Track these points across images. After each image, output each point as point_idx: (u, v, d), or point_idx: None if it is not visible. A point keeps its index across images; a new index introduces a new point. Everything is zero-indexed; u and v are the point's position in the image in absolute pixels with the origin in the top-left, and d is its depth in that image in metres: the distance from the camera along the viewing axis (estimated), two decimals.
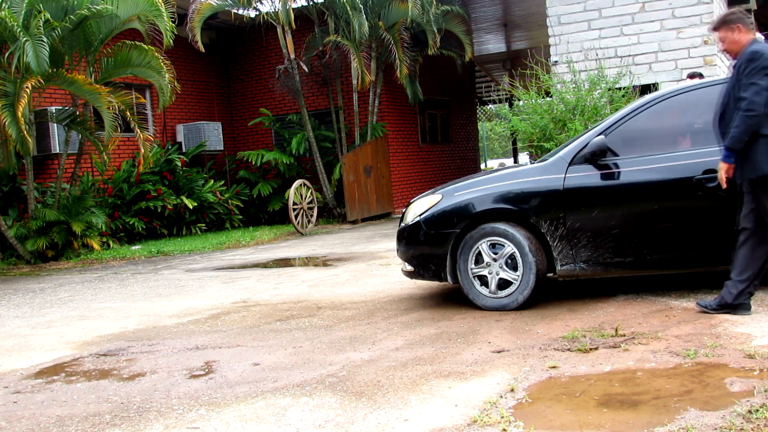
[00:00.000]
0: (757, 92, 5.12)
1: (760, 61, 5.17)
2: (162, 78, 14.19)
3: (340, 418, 3.88)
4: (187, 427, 3.96)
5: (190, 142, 19.16)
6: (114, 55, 14.19)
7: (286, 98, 19.60)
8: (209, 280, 9.87)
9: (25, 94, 12.04)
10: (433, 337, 5.54)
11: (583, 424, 3.57)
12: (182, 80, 15.35)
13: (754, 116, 5.12)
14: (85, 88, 13.01)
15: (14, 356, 6.12)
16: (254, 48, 20.58)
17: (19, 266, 13.43)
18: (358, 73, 17.31)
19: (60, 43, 13.19)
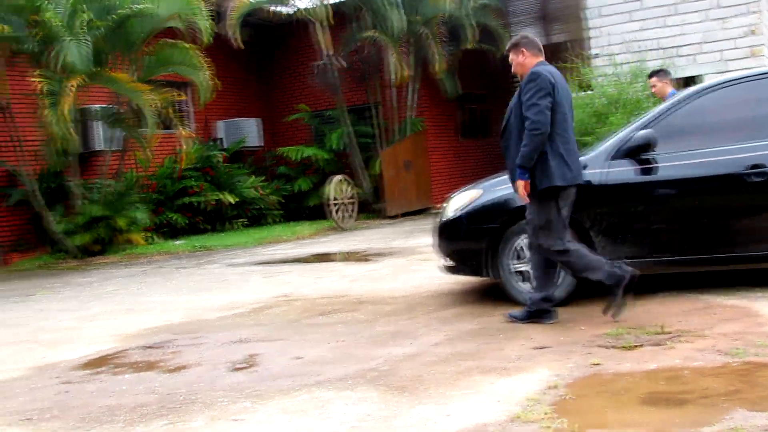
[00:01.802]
0: (539, 112, 5.35)
1: (538, 81, 5.42)
2: (202, 75, 14.34)
3: (382, 413, 3.91)
4: (231, 418, 4.02)
5: (230, 138, 19.32)
6: (155, 53, 14.37)
7: (324, 94, 19.65)
8: (251, 274, 9.97)
9: (70, 92, 12.24)
10: (474, 332, 5.55)
11: (627, 422, 3.56)
12: (221, 77, 15.46)
13: (540, 134, 5.34)
14: (127, 86, 13.19)
15: (64, 348, 6.25)
16: (292, 44, 20.66)
17: (66, 260, 13.68)
18: (395, 68, 17.30)
19: (102, 42, 13.37)
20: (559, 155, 5.44)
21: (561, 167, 5.44)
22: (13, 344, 6.62)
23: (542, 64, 5.62)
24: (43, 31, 12.71)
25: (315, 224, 17.06)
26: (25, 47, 13.07)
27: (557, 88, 5.47)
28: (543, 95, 5.39)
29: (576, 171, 5.55)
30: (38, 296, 9.58)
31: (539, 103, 5.37)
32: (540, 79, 5.42)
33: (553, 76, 5.49)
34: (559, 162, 5.44)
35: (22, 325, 7.56)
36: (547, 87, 5.41)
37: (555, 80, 5.47)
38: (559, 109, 5.46)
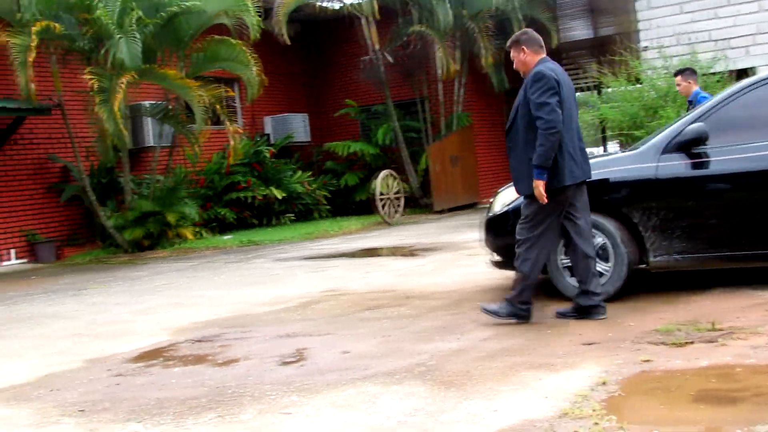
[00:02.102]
0: (551, 110, 5.31)
1: (543, 81, 5.39)
2: (249, 71, 14.46)
3: (429, 407, 3.91)
4: (279, 412, 4.05)
5: (278, 133, 19.45)
6: (203, 49, 14.53)
7: (371, 89, 19.68)
8: (299, 269, 10.03)
9: (121, 89, 12.43)
10: (523, 328, 5.51)
11: (677, 419, 3.51)
12: (269, 73, 15.57)
13: (555, 132, 5.30)
14: (176, 82, 13.35)
15: (115, 341, 6.35)
16: (339, 40, 20.72)
17: (117, 255, 13.91)
18: (442, 63, 17.27)
19: (152, 39, 13.56)
20: (567, 153, 5.44)
21: (569, 166, 5.44)
22: (70, 337, 6.75)
23: (544, 62, 5.61)
24: (94, 29, 12.94)
25: (362, 219, 17.11)
26: (77, 45, 13.31)
27: (561, 86, 5.46)
28: (551, 94, 5.37)
29: (584, 167, 5.57)
30: (91, 290, 9.76)
31: (549, 101, 5.35)
32: (545, 79, 5.40)
33: (556, 74, 5.49)
34: (567, 160, 5.44)
35: (76, 318, 7.71)
36: (553, 85, 5.40)
37: (559, 77, 5.47)
38: (564, 107, 5.44)
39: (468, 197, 18.62)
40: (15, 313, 8.38)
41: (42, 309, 8.54)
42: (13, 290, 10.44)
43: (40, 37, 12.29)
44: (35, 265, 13.93)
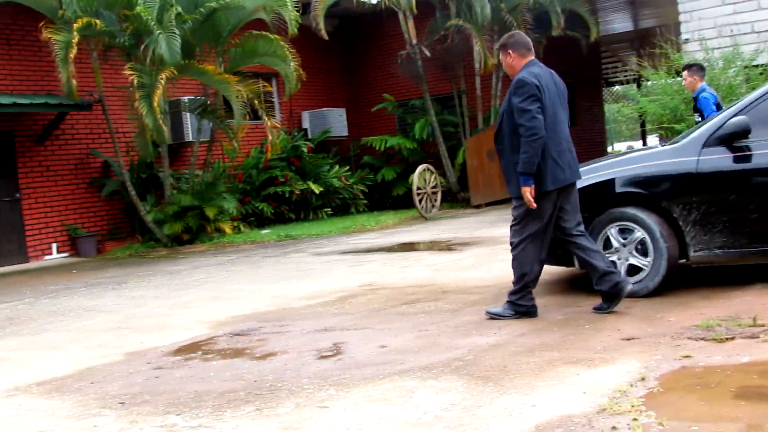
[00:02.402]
0: (532, 117, 5.39)
1: (525, 88, 5.46)
2: (288, 66, 14.51)
3: (466, 402, 3.90)
4: (317, 405, 4.07)
5: (316, 128, 19.52)
6: (241, 45, 14.61)
7: (408, 83, 19.65)
8: (336, 263, 10.06)
9: (160, 85, 12.55)
10: (560, 323, 5.48)
11: (717, 416, 3.46)
12: (307, 68, 15.62)
13: (537, 139, 5.38)
14: (215, 78, 13.44)
15: (155, 334, 6.43)
16: (376, 34, 20.72)
17: (157, 249, 14.06)
18: (480, 57, 17.19)
19: (191, 35, 13.66)
20: (550, 158, 5.50)
21: (552, 171, 5.50)
22: (110, 330, 6.84)
23: (530, 65, 5.67)
24: (134, 25, 13.07)
25: (399, 213, 17.11)
26: (118, 41, 13.46)
27: (543, 91, 5.50)
28: (533, 101, 5.44)
29: (569, 171, 5.59)
30: (131, 284, 9.88)
31: (530, 108, 5.42)
32: (527, 86, 5.47)
33: (539, 79, 5.53)
34: (552, 165, 5.50)
35: (116, 312, 7.81)
36: (534, 92, 5.46)
37: (541, 83, 5.51)
38: (547, 112, 5.50)
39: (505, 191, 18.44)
40: (56, 307, 8.51)
41: (83, 302, 8.67)
42: (55, 284, 10.61)
43: (82, 33, 12.44)
44: (76, 259, 14.13)
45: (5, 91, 13.74)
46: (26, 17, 13.86)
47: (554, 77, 5.75)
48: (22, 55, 14.17)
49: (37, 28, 13.02)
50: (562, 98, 5.75)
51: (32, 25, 13.62)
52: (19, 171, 14.08)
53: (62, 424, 4.15)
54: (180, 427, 3.93)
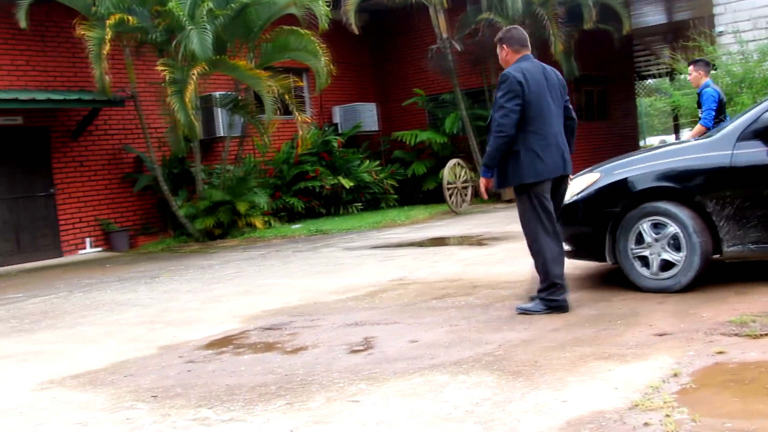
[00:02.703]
0: (504, 115, 5.50)
1: (505, 84, 5.56)
2: (318, 61, 14.54)
3: (497, 397, 3.89)
4: (348, 399, 4.08)
5: (346, 123, 19.54)
6: (273, 40, 14.66)
7: (439, 78, 19.60)
8: (366, 258, 10.07)
9: (192, 80, 12.63)
10: (592, 318, 5.44)
11: (752, 412, 3.42)
12: (338, 63, 15.64)
13: (503, 136, 5.51)
14: (246, 73, 13.51)
15: (187, 328, 6.48)
16: (407, 28, 20.68)
17: (189, 244, 14.17)
18: None
19: (222, 30, 13.74)
20: (532, 152, 5.56)
21: (533, 164, 5.55)
22: (143, 324, 6.91)
23: (523, 60, 5.74)
24: (166, 21, 13.17)
25: (429, 208, 17.09)
26: (150, 37, 13.56)
27: (527, 87, 5.54)
28: (510, 98, 5.51)
29: (552, 165, 5.60)
30: (163, 278, 9.96)
31: (506, 105, 5.51)
32: (508, 82, 5.56)
33: (525, 73, 5.57)
34: (532, 159, 5.55)
35: (149, 306, 7.88)
36: (515, 89, 5.52)
37: (526, 79, 5.55)
38: (532, 107, 5.55)
39: None
40: (90, 300, 8.61)
41: (116, 296, 8.76)
42: (89, 278, 10.73)
43: (115, 30, 12.55)
44: (110, 254, 14.29)
45: (40, 87, 13.91)
46: (60, 14, 14.02)
47: (547, 73, 5.77)
48: (57, 51, 14.34)
49: (71, 24, 13.17)
50: (556, 93, 5.77)
51: (66, 22, 13.77)
52: (53, 166, 14.26)
53: (96, 417, 4.20)
54: (212, 420, 3.96)
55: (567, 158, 5.77)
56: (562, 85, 5.88)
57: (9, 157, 13.63)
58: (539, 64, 5.79)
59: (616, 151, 22.52)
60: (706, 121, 8.59)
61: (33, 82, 13.91)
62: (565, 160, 5.75)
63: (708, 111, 8.60)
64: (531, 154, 5.55)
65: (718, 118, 8.64)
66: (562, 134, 5.77)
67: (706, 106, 8.63)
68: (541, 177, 5.58)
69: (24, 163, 13.85)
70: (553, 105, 5.71)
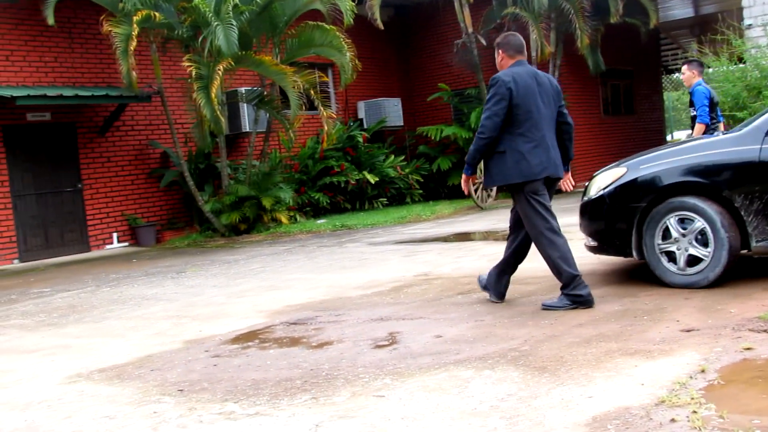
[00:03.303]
0: (488, 117, 5.69)
1: (495, 87, 5.73)
2: (343, 56, 14.53)
3: (522, 393, 3.88)
4: (373, 394, 4.08)
5: (371, 118, 19.54)
6: (298, 35, 14.68)
7: (464, 72, 19.56)
8: (391, 253, 10.08)
9: (218, 76, 12.69)
10: (618, 313, 5.42)
11: None
12: (362, 58, 15.63)
13: (485, 138, 5.72)
14: (271, 68, 13.54)
15: (213, 323, 6.52)
16: (432, 23, 20.65)
17: (214, 239, 14.24)
18: (537, 45, 17.03)
19: (248, 26, 13.79)
20: (517, 152, 5.71)
21: (518, 165, 5.70)
22: (169, 318, 6.96)
23: (516, 65, 5.89)
24: (192, 17, 13.23)
25: (454, 203, 17.06)
26: (176, 33, 13.64)
27: (516, 91, 5.68)
28: (497, 101, 5.68)
29: (538, 167, 5.70)
30: (189, 273, 10.02)
31: (492, 108, 5.69)
32: (497, 85, 5.72)
33: (515, 78, 5.73)
34: (518, 159, 5.70)
35: (175, 300, 7.94)
36: (502, 93, 5.67)
37: (516, 83, 5.70)
38: (520, 110, 5.69)
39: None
40: (117, 295, 8.68)
41: (142, 291, 8.82)
42: (116, 272, 10.82)
43: (141, 26, 12.64)
44: (136, 248, 14.40)
45: (67, 83, 14.04)
46: (88, 10, 14.14)
47: (539, 78, 5.88)
48: (84, 48, 14.46)
49: (98, 21, 13.27)
50: (549, 98, 5.87)
51: (93, 19, 13.88)
52: (81, 162, 14.39)
53: (123, 411, 4.24)
54: (238, 414, 3.98)
55: (557, 162, 5.87)
56: (557, 91, 5.98)
57: (37, 152, 13.77)
58: (532, 70, 5.93)
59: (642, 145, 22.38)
60: (703, 117, 8.81)
61: (61, 79, 14.04)
62: (555, 163, 5.84)
63: (702, 107, 8.80)
64: (516, 154, 5.72)
65: (710, 116, 8.87)
66: (552, 138, 5.87)
67: (699, 104, 8.82)
68: (527, 177, 5.71)
69: (52, 158, 13.99)
70: (544, 109, 5.82)
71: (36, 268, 12.45)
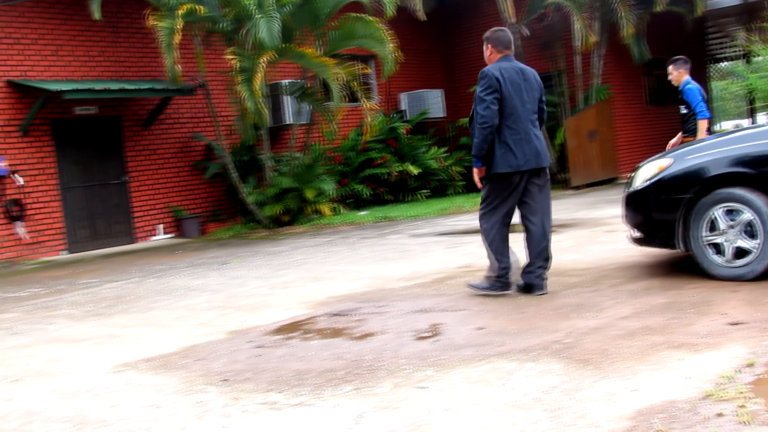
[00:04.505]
0: (486, 107, 5.95)
1: (485, 80, 6.03)
2: (385, 48, 14.52)
3: (566, 385, 3.86)
4: (415, 386, 4.09)
5: (413, 109, 19.52)
6: (339, 27, 14.70)
7: None
8: (433, 245, 10.07)
9: (260, 68, 12.76)
10: (663, 306, 5.35)
11: None
12: (404, 49, 15.60)
13: (487, 127, 5.95)
14: (313, 61, 13.58)
15: (256, 314, 6.57)
16: (473, 14, 20.53)
17: (257, 230, 14.35)
18: (580, 35, 16.85)
19: (290, 18, 13.83)
20: (505, 144, 6.00)
21: (505, 156, 5.99)
22: (213, 309, 7.03)
23: (503, 60, 6.19)
24: (235, 11, 13.31)
25: None
26: (219, 27, 13.74)
27: (504, 84, 5.99)
28: (490, 92, 5.96)
29: (523, 159, 6.01)
30: (233, 264, 10.11)
31: (486, 98, 5.96)
32: (487, 78, 6.02)
33: (501, 72, 6.03)
34: (505, 151, 6.00)
35: (219, 291, 8.02)
36: (493, 84, 5.97)
37: (503, 77, 6.00)
38: (507, 103, 5.99)
39: (606, 172, 18.15)
40: (162, 286, 8.80)
41: (187, 282, 8.93)
42: (161, 263, 10.96)
43: (185, 19, 12.75)
44: (181, 240, 14.56)
45: (113, 77, 14.23)
46: (132, 5, 14.31)
47: (525, 73, 6.15)
48: (129, 42, 14.64)
49: (143, 15, 13.42)
50: (532, 92, 6.16)
51: (138, 13, 14.04)
52: (126, 154, 14.59)
53: (169, 400, 4.29)
54: (281, 404, 4.02)
55: (542, 152, 6.14)
56: (540, 86, 6.27)
57: (84, 145, 13.99)
58: (518, 65, 6.21)
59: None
60: (703, 113, 8.91)
61: (107, 73, 14.23)
62: (540, 153, 6.11)
63: (699, 104, 8.92)
64: (504, 146, 6.00)
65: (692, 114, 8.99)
66: (536, 129, 6.17)
67: (695, 101, 8.93)
68: (513, 168, 6.01)
69: (98, 151, 14.20)
70: (528, 103, 6.10)
71: (84, 259, 12.66)
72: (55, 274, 10.85)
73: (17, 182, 12.96)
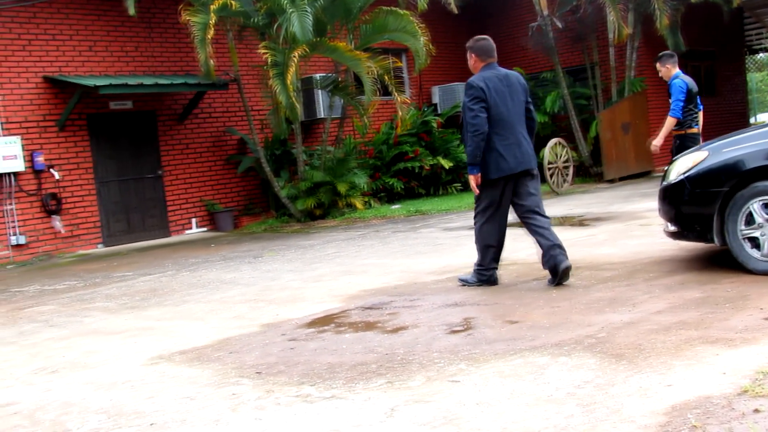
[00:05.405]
0: (475, 116, 6.21)
1: (471, 91, 6.29)
2: (417, 41, 14.49)
3: (599, 380, 3.84)
4: (447, 379, 4.09)
5: (445, 103, 19.46)
6: (371, 21, 14.68)
7: (539, 56, 19.30)
8: (465, 238, 10.03)
9: (293, 62, 12.79)
10: (698, 301, 5.30)
11: None
12: (436, 42, 15.56)
13: (479, 134, 6.20)
14: (346, 54, 13.58)
15: (289, 307, 6.61)
16: (506, 6, 20.43)
17: (290, 224, 14.41)
18: (614, 27, 16.67)
19: (322, 12, 13.84)
20: (494, 151, 6.28)
21: (496, 162, 6.28)
22: (246, 302, 7.08)
23: (487, 68, 6.44)
24: (267, 5, 13.35)
25: None
26: (252, 21, 13.80)
27: (489, 94, 6.25)
28: (477, 101, 6.23)
29: (513, 162, 6.29)
30: (266, 257, 10.17)
31: (474, 107, 6.22)
32: (472, 89, 6.28)
33: (486, 81, 6.29)
34: (495, 157, 6.27)
35: (252, 285, 8.06)
36: (478, 94, 6.25)
37: (488, 86, 6.26)
38: (493, 111, 6.26)
39: (640, 165, 17.97)
40: (196, 279, 8.87)
41: (220, 275, 8.99)
42: (195, 257, 11.04)
43: (218, 14, 12.81)
44: (215, 234, 14.66)
45: (147, 72, 14.35)
46: (166, 0, 14.42)
47: (508, 78, 6.40)
48: (163, 37, 14.74)
49: (176, 10, 13.51)
50: (518, 96, 6.42)
51: (172, 8, 14.15)
52: (161, 149, 14.71)
53: (203, 392, 4.33)
54: (314, 397, 4.04)
55: (530, 154, 6.42)
56: (524, 89, 6.51)
57: (120, 140, 14.13)
58: (502, 71, 6.44)
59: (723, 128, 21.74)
60: (674, 111, 8.93)
61: (141, 68, 14.35)
62: (528, 156, 6.39)
63: (676, 102, 8.89)
64: (494, 153, 6.28)
65: (688, 107, 8.99)
66: (524, 133, 6.42)
67: (674, 97, 8.92)
68: (504, 173, 6.27)
69: (133, 146, 14.34)
70: (514, 108, 6.38)
71: (119, 253, 12.80)
72: (91, 267, 10.98)
73: (54, 177, 13.13)
